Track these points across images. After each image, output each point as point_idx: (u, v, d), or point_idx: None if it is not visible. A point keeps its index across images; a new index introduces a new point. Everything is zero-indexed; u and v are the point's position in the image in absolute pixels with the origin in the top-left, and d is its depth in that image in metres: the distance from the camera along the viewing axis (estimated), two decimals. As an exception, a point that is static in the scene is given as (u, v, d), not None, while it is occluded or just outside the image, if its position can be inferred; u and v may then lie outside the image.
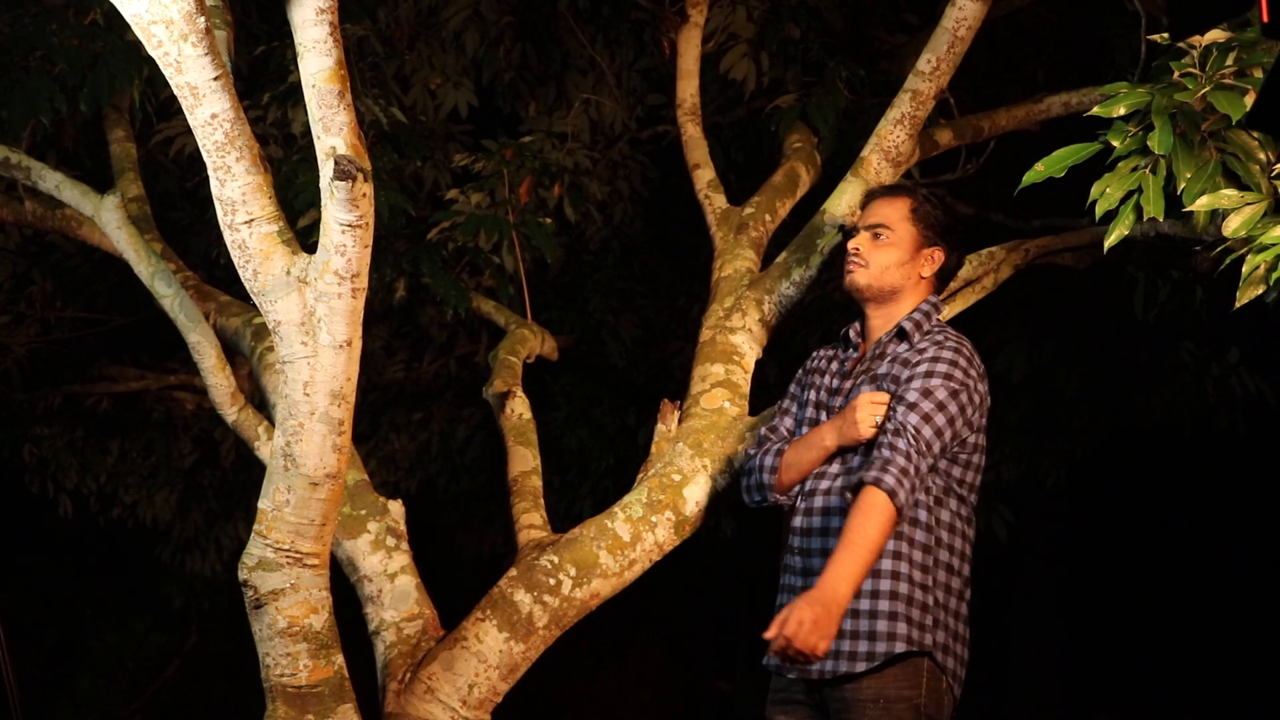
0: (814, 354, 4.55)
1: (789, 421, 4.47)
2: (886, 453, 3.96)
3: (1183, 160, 4.14)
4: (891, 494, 3.89)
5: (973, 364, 4.14)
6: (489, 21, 7.20)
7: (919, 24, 7.22)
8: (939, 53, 5.27)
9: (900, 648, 3.97)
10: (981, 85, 7.36)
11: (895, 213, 4.30)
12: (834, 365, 4.41)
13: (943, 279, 4.36)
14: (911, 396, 4.04)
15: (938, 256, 4.29)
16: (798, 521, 4.23)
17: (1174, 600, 11.30)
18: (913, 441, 3.97)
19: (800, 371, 4.57)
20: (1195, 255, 4.89)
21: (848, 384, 4.28)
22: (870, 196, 4.44)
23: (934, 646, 4.01)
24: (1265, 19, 3.10)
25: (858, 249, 4.31)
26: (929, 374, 4.07)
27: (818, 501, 4.18)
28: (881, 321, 4.31)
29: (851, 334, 4.39)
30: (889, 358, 4.21)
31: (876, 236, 4.29)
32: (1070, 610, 11.27)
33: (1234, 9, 3.47)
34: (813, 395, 4.40)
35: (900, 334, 4.24)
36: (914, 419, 4.00)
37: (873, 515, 3.88)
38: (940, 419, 4.02)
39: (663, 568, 4.89)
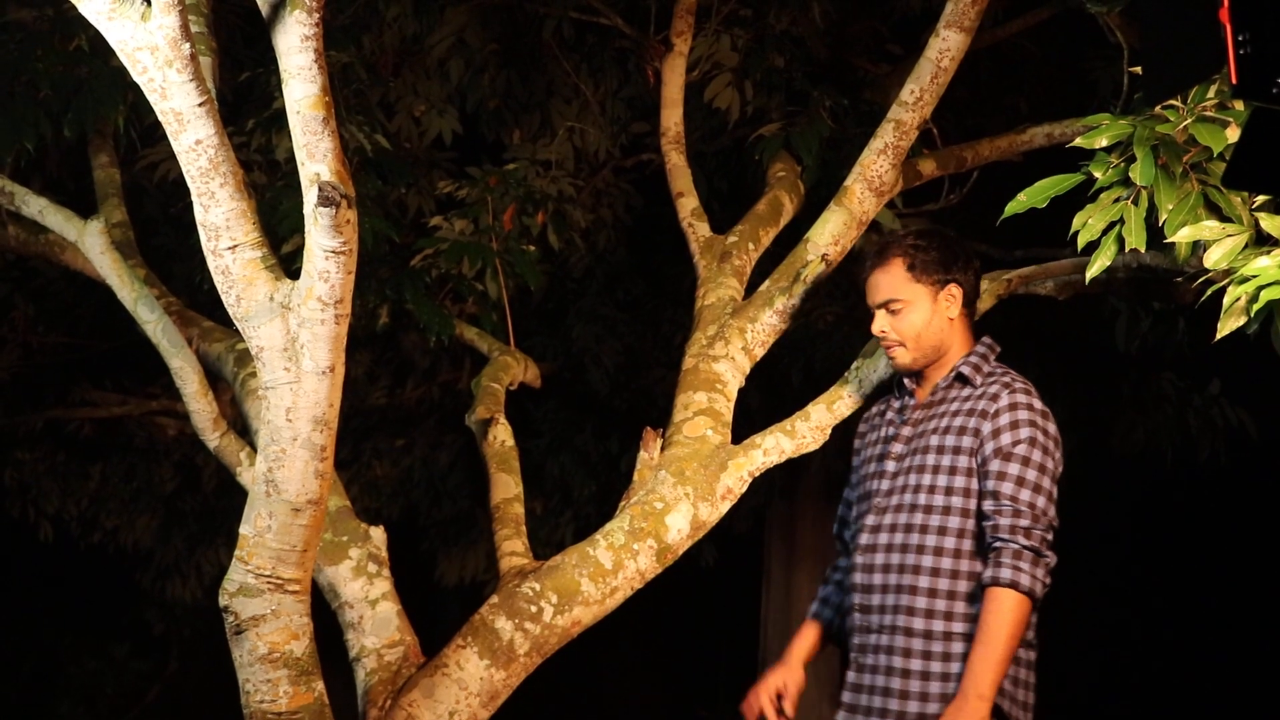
0: (865, 415, 4.51)
1: (849, 493, 4.46)
2: (1013, 544, 3.91)
3: (1164, 192, 4.15)
4: (1030, 594, 3.87)
5: (1043, 405, 4.12)
6: (473, 49, 7.22)
7: (902, 54, 7.27)
8: (922, 83, 5.29)
9: None
10: (965, 116, 7.39)
11: (895, 280, 4.23)
12: (889, 415, 4.35)
13: (971, 303, 4.29)
14: (1015, 469, 3.97)
15: (955, 293, 4.22)
16: (858, 578, 4.17)
17: (1154, 630, 11.31)
18: (1036, 520, 3.93)
19: (855, 440, 4.50)
20: (1177, 286, 4.90)
21: (906, 430, 4.22)
22: (865, 272, 4.34)
23: (1000, 696, 3.94)
24: (1235, 80, 3.10)
25: (884, 331, 4.25)
26: (1014, 425, 4.03)
27: (878, 558, 4.12)
28: (936, 369, 4.25)
29: (906, 381, 4.31)
30: (951, 401, 4.17)
31: (892, 311, 4.23)
32: (1050, 640, 11.27)
33: (1202, 70, 3.48)
34: (867, 452, 4.35)
35: (960, 378, 4.19)
36: (1026, 494, 3.95)
37: (1013, 615, 3.87)
38: (1047, 481, 3.98)
39: (644, 595, 4.89)
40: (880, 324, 4.26)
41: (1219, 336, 4.18)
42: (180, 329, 5.20)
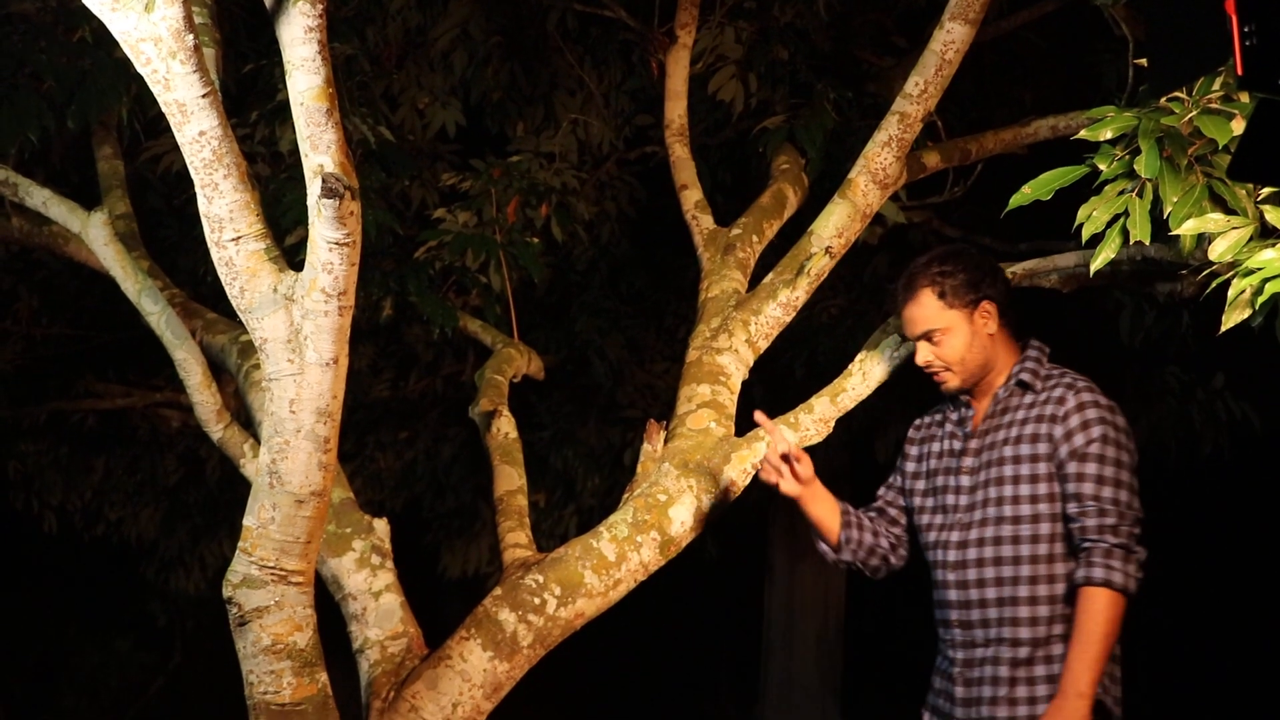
0: (916, 423, 4.54)
1: (890, 494, 4.51)
2: (1102, 543, 3.96)
3: (1169, 184, 4.14)
4: (1124, 591, 3.92)
5: (1108, 399, 4.15)
6: (477, 41, 7.21)
7: (907, 47, 7.26)
8: (927, 75, 5.28)
9: None
10: (969, 108, 7.39)
11: (928, 310, 4.26)
12: (949, 427, 4.38)
13: (1006, 313, 4.31)
14: (1093, 468, 4.02)
15: (990, 309, 4.26)
16: (953, 595, 4.21)
17: (1156, 627, 11.29)
18: (1122, 516, 3.97)
19: (906, 445, 4.54)
20: (1181, 279, 4.89)
21: (974, 442, 4.25)
22: (897, 307, 4.37)
23: (1104, 693, 4.01)
24: (1240, 72, 3.10)
25: (929, 362, 4.28)
26: (1085, 425, 4.07)
27: (971, 574, 4.16)
28: (990, 381, 4.28)
29: (961, 395, 4.33)
30: (1016, 409, 4.19)
31: (933, 341, 4.26)
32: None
33: (1207, 62, 3.47)
34: (932, 464, 4.38)
35: (1021, 385, 4.22)
36: (1108, 491, 3.99)
37: (1108, 613, 3.93)
38: (1126, 474, 4.03)
39: (646, 588, 4.88)
40: (924, 355, 4.29)
41: (1223, 330, 4.17)
42: (184, 321, 5.20)
